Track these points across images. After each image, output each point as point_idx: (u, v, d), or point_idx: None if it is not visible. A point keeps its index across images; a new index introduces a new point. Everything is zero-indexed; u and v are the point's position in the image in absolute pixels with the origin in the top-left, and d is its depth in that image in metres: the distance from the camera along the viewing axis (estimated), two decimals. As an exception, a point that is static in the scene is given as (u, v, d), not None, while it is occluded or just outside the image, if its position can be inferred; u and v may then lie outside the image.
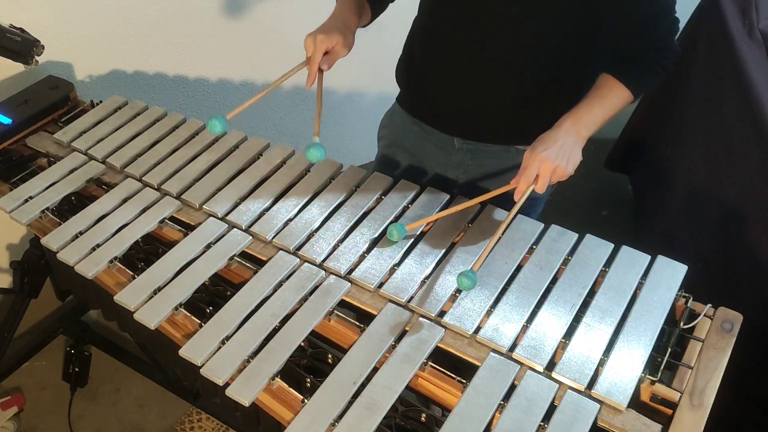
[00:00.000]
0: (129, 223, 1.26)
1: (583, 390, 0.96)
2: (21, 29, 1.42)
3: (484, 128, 1.28)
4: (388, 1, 1.33)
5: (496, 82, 1.21)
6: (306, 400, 0.96)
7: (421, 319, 1.07)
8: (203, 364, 1.01)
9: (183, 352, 1.03)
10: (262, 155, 1.41)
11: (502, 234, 1.12)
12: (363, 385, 0.97)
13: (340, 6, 1.25)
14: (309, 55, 1.16)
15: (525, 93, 1.21)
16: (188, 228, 1.27)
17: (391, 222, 1.23)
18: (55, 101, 1.55)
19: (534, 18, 1.11)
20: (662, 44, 1.11)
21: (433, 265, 1.15)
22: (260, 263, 1.18)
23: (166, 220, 1.28)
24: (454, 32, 1.19)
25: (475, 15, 1.15)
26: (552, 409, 0.94)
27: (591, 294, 1.10)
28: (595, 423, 0.93)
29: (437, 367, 1.01)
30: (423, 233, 1.22)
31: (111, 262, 1.19)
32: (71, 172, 1.38)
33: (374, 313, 1.09)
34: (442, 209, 1.25)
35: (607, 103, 1.09)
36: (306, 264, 1.17)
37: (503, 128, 1.27)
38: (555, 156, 1.03)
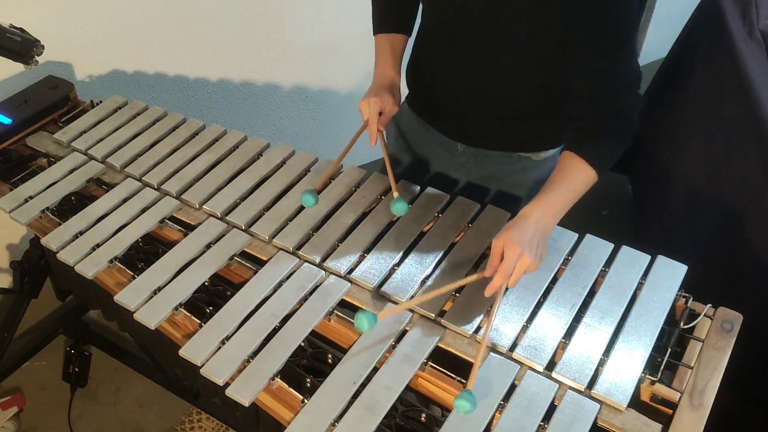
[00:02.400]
0: (129, 223, 1.26)
1: (583, 390, 0.96)
2: (21, 29, 1.42)
3: (487, 135, 1.29)
4: (416, 11, 1.32)
5: (499, 92, 1.21)
6: (306, 400, 0.96)
7: (421, 319, 1.07)
8: (203, 364, 1.01)
9: (183, 352, 1.03)
10: (262, 155, 1.41)
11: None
12: (363, 385, 0.97)
13: (381, 66, 1.28)
14: (365, 118, 1.21)
15: (527, 102, 1.21)
16: (188, 228, 1.27)
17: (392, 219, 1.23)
18: (55, 101, 1.55)
19: (534, 30, 1.11)
20: (624, 115, 1.09)
21: (433, 265, 1.15)
22: (260, 263, 1.18)
23: (166, 220, 1.28)
24: (453, 42, 1.19)
25: (473, 28, 1.15)
26: (552, 409, 0.94)
27: (591, 294, 1.10)
28: (595, 423, 0.93)
29: (437, 367, 1.01)
30: (423, 233, 1.22)
31: (111, 262, 1.19)
32: (71, 172, 1.38)
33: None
34: (441, 210, 1.25)
35: (573, 189, 1.06)
36: (306, 264, 1.17)
37: (505, 136, 1.27)
38: (532, 252, 0.99)
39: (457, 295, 1.09)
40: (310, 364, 1.04)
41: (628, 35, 1.04)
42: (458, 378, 1.00)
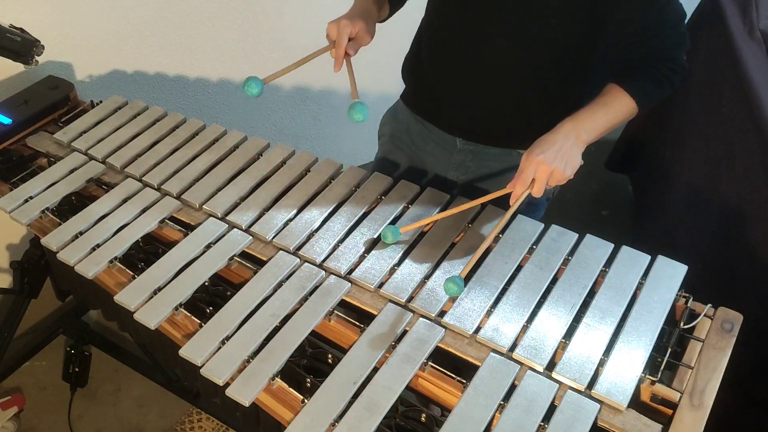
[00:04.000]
0: (129, 223, 1.26)
1: (583, 390, 0.96)
2: (21, 29, 1.43)
3: (487, 131, 1.28)
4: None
5: (500, 86, 1.21)
6: (306, 400, 0.96)
7: (421, 319, 1.07)
8: (203, 364, 1.01)
9: (183, 352, 1.03)
10: (262, 155, 1.41)
11: (497, 237, 1.11)
12: (363, 385, 0.97)
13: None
14: (333, 39, 1.14)
15: (528, 97, 1.21)
16: (188, 228, 1.27)
17: (391, 222, 1.23)
18: (55, 101, 1.55)
19: (538, 23, 1.11)
20: (669, 54, 1.10)
21: (433, 265, 1.15)
22: (260, 263, 1.18)
23: (166, 220, 1.28)
24: (459, 35, 1.19)
25: (479, 19, 1.15)
26: (552, 409, 0.94)
27: (591, 294, 1.10)
28: (595, 423, 0.93)
29: (437, 367, 1.01)
30: (423, 233, 1.22)
31: (111, 262, 1.19)
32: (71, 172, 1.38)
33: (374, 313, 1.09)
34: (441, 210, 1.25)
35: (610, 111, 1.08)
36: (306, 264, 1.17)
37: (506, 131, 1.27)
38: (552, 159, 1.02)
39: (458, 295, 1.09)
40: (310, 364, 1.04)
41: None
42: (458, 378, 1.00)
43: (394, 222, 1.23)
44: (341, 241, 1.20)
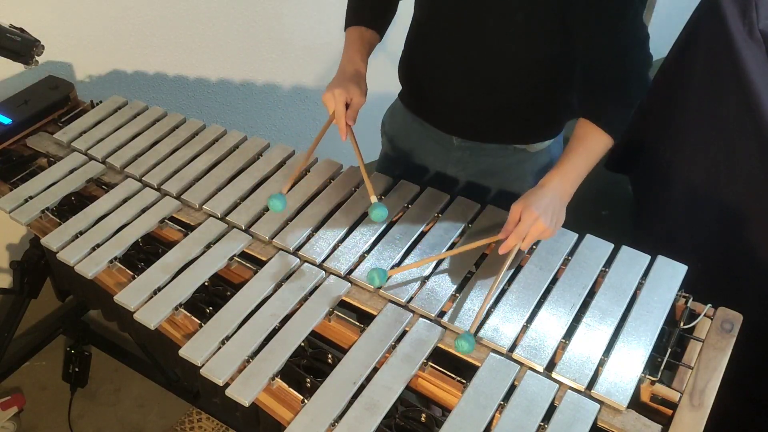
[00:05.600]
0: (129, 223, 1.26)
1: (583, 390, 0.96)
2: (21, 29, 1.42)
3: (481, 128, 1.29)
4: (392, 15, 1.32)
5: (492, 85, 1.21)
6: (306, 400, 0.96)
7: (421, 319, 1.07)
8: (203, 364, 1.01)
9: (183, 352, 1.03)
10: (262, 155, 1.41)
11: (498, 288, 1.08)
12: (363, 385, 0.97)
13: (349, 52, 1.25)
14: (331, 111, 1.17)
15: (523, 92, 1.21)
16: (188, 228, 1.27)
17: (390, 219, 1.23)
18: (55, 101, 1.55)
19: (509, 39, 1.12)
20: (636, 74, 1.09)
21: (433, 265, 1.15)
22: (260, 263, 1.18)
23: (166, 220, 1.28)
24: (449, 33, 1.19)
25: (458, 31, 1.15)
26: (552, 409, 0.94)
27: (591, 294, 1.10)
28: (595, 423, 0.93)
29: (437, 367, 1.01)
30: (423, 233, 1.22)
31: (111, 262, 1.19)
32: (71, 172, 1.38)
33: (374, 313, 1.09)
34: (441, 210, 1.25)
35: (591, 156, 1.09)
36: (306, 264, 1.17)
37: (500, 128, 1.28)
38: (548, 218, 1.02)
39: (457, 295, 1.10)
40: (310, 364, 1.04)
41: (629, 1, 1.04)
42: (458, 378, 1.00)
43: (395, 221, 1.23)
44: (341, 241, 1.20)
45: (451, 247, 1.18)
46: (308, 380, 1.00)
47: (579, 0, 1.03)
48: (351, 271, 1.15)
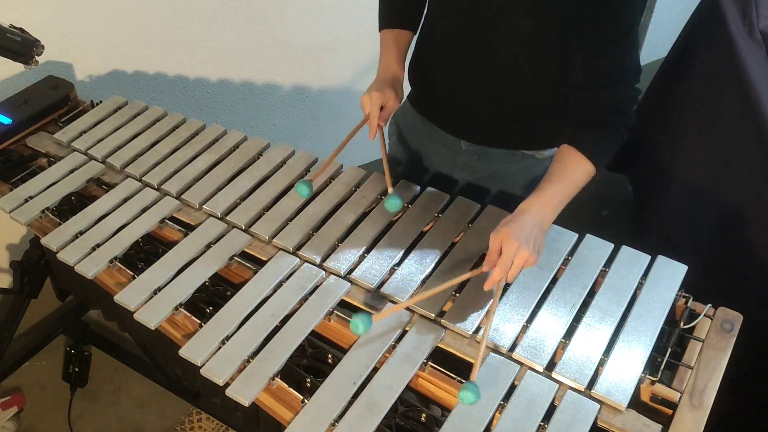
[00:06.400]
0: (129, 223, 1.26)
1: (583, 390, 0.96)
2: (21, 29, 1.42)
3: (491, 133, 1.29)
4: (423, 7, 1.32)
5: (501, 90, 1.21)
6: (306, 400, 0.96)
7: (421, 319, 1.07)
8: (203, 364, 1.01)
9: (183, 352, 1.03)
10: (262, 155, 1.41)
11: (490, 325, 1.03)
12: (363, 385, 0.97)
13: (385, 59, 1.28)
14: (366, 112, 1.21)
15: (532, 98, 1.21)
16: (188, 228, 1.27)
17: (391, 220, 1.23)
18: (55, 101, 1.55)
19: (514, 49, 1.12)
20: (623, 108, 1.09)
21: (433, 265, 1.15)
22: (260, 263, 1.18)
23: (166, 220, 1.28)
24: (459, 38, 1.19)
25: (479, 23, 1.15)
26: (552, 409, 0.94)
27: (591, 294, 1.10)
28: (595, 423, 0.93)
29: (437, 367, 1.01)
30: (423, 233, 1.22)
31: (111, 262, 1.19)
32: (71, 172, 1.38)
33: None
34: (441, 210, 1.25)
35: (571, 183, 1.07)
36: (306, 264, 1.17)
37: (509, 133, 1.28)
38: (529, 246, 0.99)
39: (457, 295, 1.09)
40: (310, 364, 1.04)
41: (629, 28, 1.04)
42: (458, 378, 1.00)
43: (395, 221, 1.23)
44: (341, 240, 1.20)
45: (452, 247, 1.18)
46: (308, 380, 1.00)
47: (584, 9, 1.02)
48: (351, 271, 1.15)
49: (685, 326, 1.05)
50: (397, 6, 1.31)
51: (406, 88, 1.36)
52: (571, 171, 1.07)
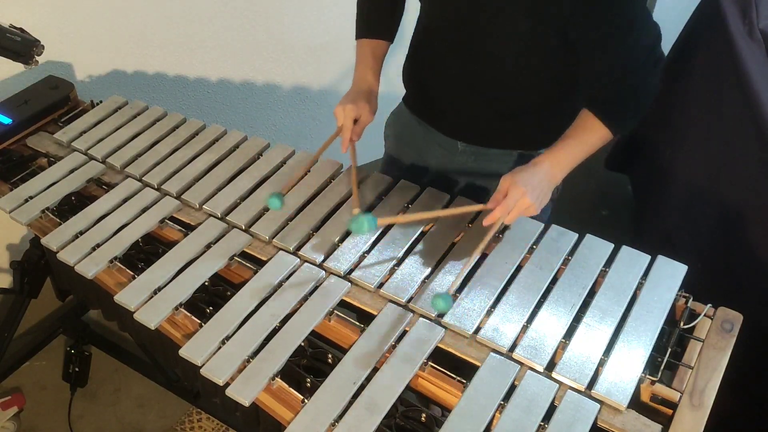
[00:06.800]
0: (129, 223, 1.26)
1: (583, 390, 0.96)
2: (21, 29, 1.43)
3: (487, 133, 1.29)
4: (400, 16, 1.34)
5: (497, 91, 1.21)
6: (306, 400, 0.96)
7: (421, 319, 1.07)
8: (203, 364, 1.01)
9: (183, 352, 1.03)
10: (262, 155, 1.41)
11: (483, 251, 1.09)
12: (363, 385, 0.97)
13: (361, 70, 1.29)
14: (339, 124, 1.21)
15: (528, 98, 1.21)
16: (188, 228, 1.27)
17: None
18: (55, 101, 1.55)
19: (513, 51, 1.12)
20: (642, 83, 1.08)
21: (433, 265, 1.15)
22: (260, 263, 1.18)
23: (166, 220, 1.28)
24: (454, 39, 1.19)
25: (474, 23, 1.15)
26: (552, 409, 0.94)
27: (591, 294, 1.10)
28: (595, 423, 0.93)
29: (437, 367, 1.01)
30: (423, 233, 1.22)
31: (111, 262, 1.19)
32: (71, 172, 1.38)
33: (374, 313, 1.09)
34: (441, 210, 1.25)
35: (587, 146, 1.10)
36: (306, 264, 1.17)
37: (505, 133, 1.28)
38: (534, 195, 1.04)
39: (458, 295, 1.09)
40: (310, 364, 1.04)
41: (635, 13, 1.03)
42: (458, 378, 1.00)
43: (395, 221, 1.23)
44: (341, 240, 1.20)
45: (452, 246, 1.18)
46: (308, 380, 1.00)
47: (583, 19, 1.02)
48: (351, 271, 1.15)
49: (685, 326, 1.05)
50: (375, 15, 1.31)
51: (400, 91, 1.36)
52: (589, 135, 1.10)
